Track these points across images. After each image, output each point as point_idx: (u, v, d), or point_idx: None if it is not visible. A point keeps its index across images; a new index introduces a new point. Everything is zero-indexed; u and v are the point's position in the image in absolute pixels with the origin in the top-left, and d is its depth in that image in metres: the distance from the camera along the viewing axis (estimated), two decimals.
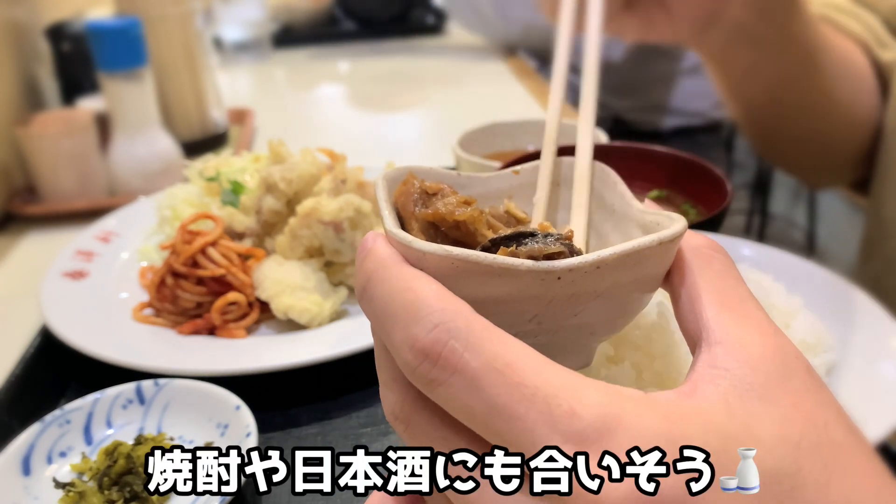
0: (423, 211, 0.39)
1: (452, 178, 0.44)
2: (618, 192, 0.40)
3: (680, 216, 0.32)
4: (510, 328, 0.30)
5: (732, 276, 0.31)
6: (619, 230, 0.40)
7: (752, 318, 0.29)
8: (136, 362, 0.61)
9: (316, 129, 1.43)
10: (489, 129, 0.98)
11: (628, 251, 0.30)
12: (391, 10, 2.06)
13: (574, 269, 0.30)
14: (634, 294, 0.34)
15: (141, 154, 1.04)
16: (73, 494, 0.51)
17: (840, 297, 0.51)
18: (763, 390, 0.26)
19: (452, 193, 0.40)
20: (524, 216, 0.42)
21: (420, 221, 0.39)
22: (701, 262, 0.31)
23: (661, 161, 0.80)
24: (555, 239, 0.33)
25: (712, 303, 0.29)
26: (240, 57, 1.84)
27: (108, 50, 0.98)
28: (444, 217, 0.38)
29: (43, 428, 0.54)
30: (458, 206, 0.38)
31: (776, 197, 2.80)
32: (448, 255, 0.30)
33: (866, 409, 0.43)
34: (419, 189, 0.40)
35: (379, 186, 0.40)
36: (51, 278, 0.74)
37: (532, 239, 0.34)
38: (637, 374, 0.44)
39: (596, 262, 0.30)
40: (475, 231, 0.37)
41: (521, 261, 0.30)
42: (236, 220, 0.75)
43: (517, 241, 0.34)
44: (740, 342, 0.28)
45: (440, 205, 0.39)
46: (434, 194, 0.40)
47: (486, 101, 1.54)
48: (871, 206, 0.88)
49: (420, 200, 0.40)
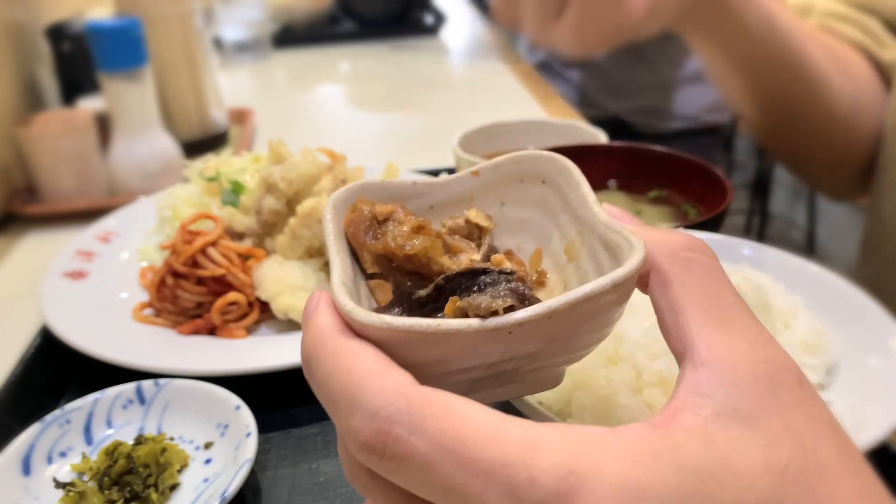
0: (374, 244, 0.37)
1: (408, 189, 0.42)
2: (580, 194, 0.38)
3: (639, 241, 0.31)
4: (466, 381, 0.30)
5: (715, 279, 0.30)
6: (584, 240, 0.38)
7: (739, 329, 0.28)
8: (136, 362, 0.61)
9: (316, 129, 1.43)
10: (489, 129, 0.98)
11: (580, 298, 0.29)
12: (391, 11, 2.06)
13: (525, 323, 0.29)
14: (595, 328, 0.32)
15: (141, 154, 1.04)
16: (74, 494, 0.51)
17: (840, 297, 0.51)
18: (749, 415, 0.25)
19: (406, 216, 0.39)
20: (487, 223, 0.41)
21: (372, 253, 0.38)
22: (680, 269, 0.30)
23: (661, 161, 0.80)
24: (505, 287, 0.31)
25: (696, 315, 0.28)
26: (240, 57, 1.84)
27: (108, 50, 0.98)
28: (395, 252, 0.37)
29: (43, 428, 0.54)
30: (410, 237, 0.37)
31: (776, 197, 2.80)
32: (389, 327, 0.28)
33: (866, 409, 0.43)
34: (369, 215, 0.39)
35: (326, 216, 0.38)
36: (51, 278, 0.74)
37: (485, 278, 0.32)
38: (637, 374, 0.44)
39: (548, 312, 0.28)
40: (429, 261, 0.36)
41: (467, 323, 0.29)
42: (236, 220, 0.75)
43: (468, 283, 0.32)
44: (727, 361, 0.26)
45: (390, 237, 0.37)
46: (386, 220, 0.39)
47: (486, 101, 1.54)
48: (872, 206, 0.88)
49: (371, 229, 0.38)
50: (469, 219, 0.41)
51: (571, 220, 0.39)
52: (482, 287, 0.32)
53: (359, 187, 0.40)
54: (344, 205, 0.39)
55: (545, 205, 0.42)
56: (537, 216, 0.42)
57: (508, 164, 0.41)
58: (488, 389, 0.32)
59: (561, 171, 0.40)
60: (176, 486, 0.52)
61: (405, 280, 0.37)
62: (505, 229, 0.43)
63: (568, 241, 0.39)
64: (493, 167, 0.41)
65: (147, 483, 0.51)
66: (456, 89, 1.68)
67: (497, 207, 0.43)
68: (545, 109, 1.43)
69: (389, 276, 0.38)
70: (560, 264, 0.40)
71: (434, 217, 0.42)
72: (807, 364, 0.47)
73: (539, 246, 0.42)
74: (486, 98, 1.56)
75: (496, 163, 0.41)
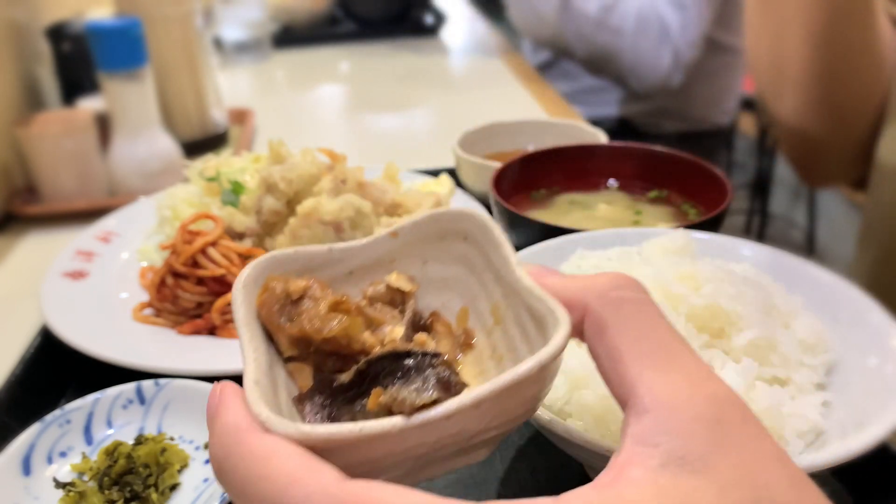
0: (289, 326, 0.35)
1: (323, 257, 0.40)
2: (502, 255, 0.37)
3: (563, 313, 0.31)
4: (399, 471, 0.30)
5: (648, 316, 0.29)
6: (509, 304, 0.37)
7: (678, 368, 0.27)
8: (136, 362, 0.61)
9: (316, 129, 1.43)
10: (489, 129, 0.99)
11: (508, 385, 0.28)
12: (391, 11, 2.06)
13: (453, 416, 0.28)
14: (529, 401, 0.32)
15: (141, 154, 1.04)
16: (74, 494, 0.51)
17: (840, 298, 0.51)
18: (698, 462, 0.24)
19: (323, 290, 0.37)
20: (409, 287, 0.40)
21: (288, 336, 0.36)
22: (612, 311, 0.29)
23: (661, 161, 0.80)
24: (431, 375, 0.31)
25: (634, 360, 0.28)
26: (240, 57, 1.84)
27: (108, 50, 0.98)
28: (312, 336, 0.35)
29: (43, 428, 0.54)
30: (328, 317, 0.35)
31: (776, 197, 2.80)
32: (307, 437, 0.27)
33: (866, 409, 0.43)
34: (282, 294, 0.36)
35: (236, 299, 0.35)
36: (51, 278, 0.74)
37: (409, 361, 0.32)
38: None
39: (475, 402, 0.28)
40: (350, 340, 0.34)
41: (391, 423, 0.28)
42: (236, 220, 0.75)
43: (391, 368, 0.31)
44: (669, 405, 0.26)
45: (306, 319, 0.35)
46: (301, 297, 0.36)
47: (486, 101, 1.54)
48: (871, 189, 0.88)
49: (285, 309, 0.36)
50: (390, 284, 0.40)
51: (495, 280, 0.38)
52: (406, 373, 0.31)
53: (268, 262, 0.38)
54: (255, 284, 0.37)
55: (468, 262, 0.41)
56: (461, 273, 0.41)
57: (428, 222, 0.40)
58: (431, 467, 0.31)
59: (481, 229, 0.39)
60: (176, 486, 0.52)
61: (326, 361, 0.36)
62: (430, 288, 0.42)
63: (493, 304, 0.39)
64: (411, 226, 0.40)
65: (147, 483, 0.51)
66: (456, 89, 1.68)
67: (420, 266, 0.41)
68: (545, 109, 1.44)
69: (309, 359, 0.36)
70: (487, 326, 0.39)
71: (354, 284, 0.41)
72: (807, 364, 0.47)
73: (465, 304, 0.41)
74: (486, 98, 1.56)
75: (414, 221, 0.40)
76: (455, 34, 2.12)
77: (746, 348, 0.46)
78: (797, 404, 0.44)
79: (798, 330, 0.48)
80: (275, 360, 0.36)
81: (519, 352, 0.34)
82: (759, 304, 0.48)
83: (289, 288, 0.36)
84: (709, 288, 0.49)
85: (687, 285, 0.50)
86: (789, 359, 0.46)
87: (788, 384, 0.46)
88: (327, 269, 0.40)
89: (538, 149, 0.84)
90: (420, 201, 0.75)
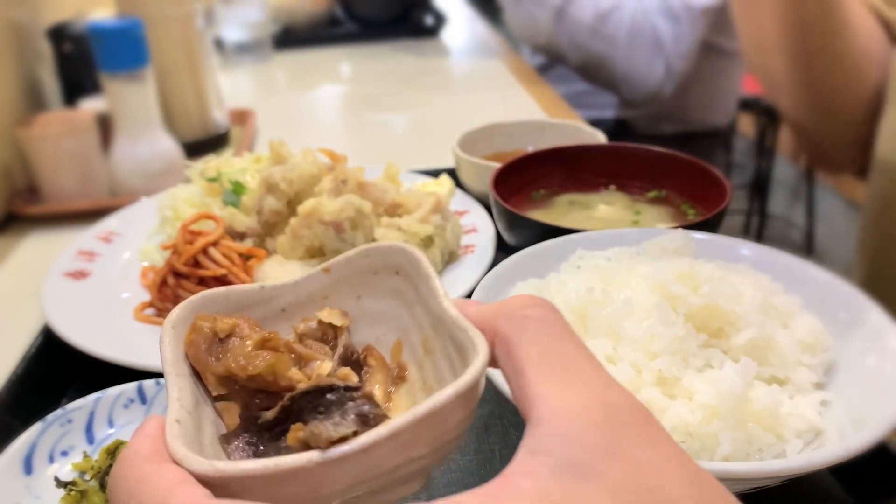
0: (216, 365, 0.36)
1: (255, 295, 0.41)
2: (431, 287, 0.37)
3: (482, 342, 0.31)
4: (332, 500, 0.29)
5: (552, 332, 0.29)
6: (438, 335, 0.38)
7: (576, 379, 0.27)
8: (137, 362, 0.62)
9: (317, 130, 1.44)
10: (489, 129, 0.99)
11: (424, 415, 0.29)
12: (391, 12, 2.06)
13: (369, 448, 0.28)
14: (451, 429, 0.32)
15: (142, 154, 1.04)
16: (75, 493, 0.51)
17: (838, 297, 0.51)
18: (588, 468, 0.24)
19: (251, 328, 0.38)
20: (341, 322, 0.40)
21: (215, 375, 0.36)
22: (517, 330, 0.30)
23: (660, 161, 0.81)
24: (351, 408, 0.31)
25: (536, 374, 0.28)
26: (241, 58, 1.85)
27: (109, 50, 0.98)
28: (238, 374, 0.35)
29: (45, 427, 0.54)
30: (253, 355, 0.35)
31: (774, 197, 2.80)
32: (222, 474, 0.27)
33: (864, 409, 0.43)
34: (210, 333, 0.37)
35: (163, 340, 0.36)
36: (52, 278, 0.74)
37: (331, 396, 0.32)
38: (636, 372, 0.45)
39: (391, 434, 0.28)
40: (276, 377, 0.35)
41: (307, 457, 0.28)
42: (237, 221, 0.76)
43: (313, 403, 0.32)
44: (564, 413, 0.25)
45: (232, 357, 0.36)
46: (228, 336, 0.37)
47: (486, 101, 1.54)
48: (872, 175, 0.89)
49: (212, 348, 0.37)
50: (322, 319, 0.40)
51: (425, 313, 0.39)
52: (327, 408, 0.31)
53: (199, 301, 0.39)
54: (183, 324, 0.37)
55: (401, 295, 0.41)
56: (394, 307, 0.42)
57: (360, 257, 0.41)
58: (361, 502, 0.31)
59: (412, 263, 0.39)
60: None
61: (254, 399, 0.36)
62: (364, 322, 0.42)
63: (424, 335, 0.39)
64: (344, 262, 0.41)
65: None
66: (456, 90, 1.68)
67: (354, 301, 0.42)
68: (545, 110, 1.44)
69: (237, 397, 0.36)
70: (419, 358, 0.40)
71: (286, 321, 0.41)
72: (805, 363, 0.47)
73: (399, 337, 0.41)
74: (486, 99, 1.56)
75: (347, 257, 0.41)
76: (455, 35, 2.12)
77: (745, 348, 0.47)
78: (796, 404, 0.45)
79: (796, 330, 0.49)
80: (202, 399, 0.37)
81: (445, 382, 0.34)
82: (757, 303, 0.48)
83: (216, 327, 0.37)
84: (707, 288, 0.49)
85: (686, 285, 0.50)
86: (788, 358, 0.47)
87: (787, 384, 0.47)
88: (259, 308, 0.41)
89: (538, 149, 0.84)
90: (420, 201, 0.76)
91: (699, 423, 0.42)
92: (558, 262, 0.59)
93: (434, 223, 0.73)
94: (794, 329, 0.49)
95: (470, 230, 0.82)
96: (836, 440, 0.42)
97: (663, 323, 0.46)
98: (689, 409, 0.43)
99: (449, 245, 0.75)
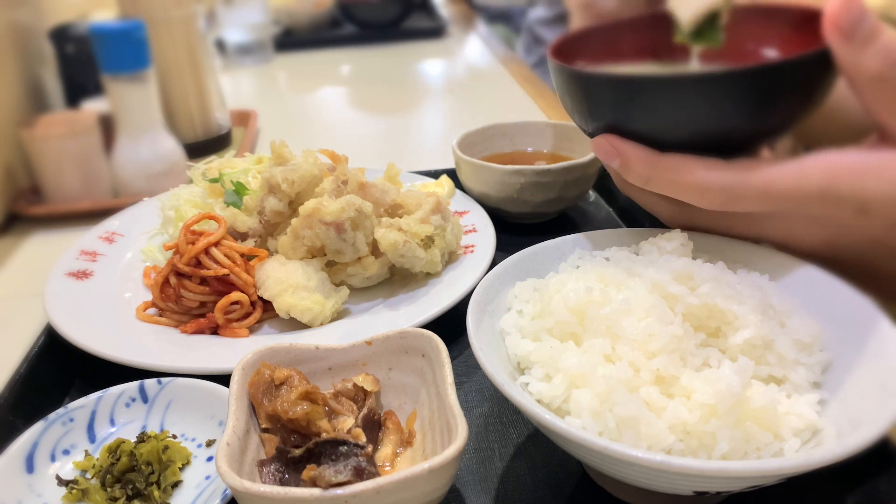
0: (267, 405, 0.48)
1: (310, 353, 0.53)
2: (442, 374, 0.48)
3: (464, 430, 0.42)
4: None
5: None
6: (438, 416, 0.48)
7: None
8: (139, 361, 0.62)
9: (318, 131, 1.44)
10: (488, 130, 0.99)
11: (402, 480, 0.39)
12: (391, 14, 2.07)
13: (358, 495, 0.39)
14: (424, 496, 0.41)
15: (144, 155, 1.04)
16: (77, 492, 0.51)
17: (836, 297, 0.51)
18: None
19: (300, 381, 0.50)
20: (372, 388, 0.52)
21: (265, 413, 0.48)
22: None
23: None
24: (352, 461, 0.43)
25: None
26: (242, 59, 1.85)
27: (111, 52, 0.99)
28: (280, 415, 0.47)
29: (47, 426, 0.55)
30: (296, 404, 0.47)
31: None
32: (247, 490, 0.39)
33: (862, 409, 0.43)
34: (268, 379, 0.49)
35: (234, 377, 0.49)
36: (55, 278, 0.75)
37: (343, 448, 0.44)
38: (634, 372, 0.45)
39: (375, 489, 0.39)
40: (310, 423, 0.47)
41: (309, 492, 0.39)
42: (239, 221, 0.76)
43: (330, 450, 0.44)
44: None
45: (279, 402, 0.47)
46: (282, 384, 0.49)
47: (485, 103, 1.55)
48: None
49: (268, 391, 0.49)
50: (357, 383, 0.52)
51: (436, 394, 0.49)
52: (336, 457, 0.43)
53: (266, 352, 0.51)
54: (251, 367, 0.50)
55: (422, 374, 0.52)
56: (416, 382, 0.53)
57: (396, 338, 0.53)
58: None
59: (435, 351, 0.50)
60: (178, 484, 0.53)
61: (290, 437, 0.47)
62: (391, 390, 0.54)
63: (431, 412, 0.50)
64: (384, 339, 0.53)
65: (149, 480, 0.51)
66: (455, 91, 1.69)
67: (385, 371, 0.54)
68: (544, 111, 1.44)
69: (278, 433, 0.48)
70: (425, 429, 0.50)
71: (330, 378, 0.53)
72: (803, 363, 0.47)
73: (415, 408, 0.53)
74: (485, 100, 1.57)
75: (387, 336, 0.53)
76: (454, 37, 2.13)
77: (743, 347, 0.47)
78: (793, 403, 0.45)
79: (794, 329, 0.49)
80: (253, 428, 0.48)
81: (436, 454, 0.42)
82: (755, 303, 0.49)
83: (274, 375, 0.49)
84: (706, 287, 0.49)
85: (684, 285, 0.50)
86: (785, 358, 0.47)
87: (785, 383, 0.47)
88: (311, 363, 0.53)
89: (536, 150, 0.81)
90: (420, 202, 0.76)
91: (697, 422, 0.42)
92: (557, 262, 0.59)
93: (434, 223, 0.73)
94: (791, 329, 0.49)
95: (470, 230, 0.83)
96: (833, 439, 0.42)
97: (661, 322, 0.47)
98: (688, 408, 0.43)
99: (449, 245, 0.76)
